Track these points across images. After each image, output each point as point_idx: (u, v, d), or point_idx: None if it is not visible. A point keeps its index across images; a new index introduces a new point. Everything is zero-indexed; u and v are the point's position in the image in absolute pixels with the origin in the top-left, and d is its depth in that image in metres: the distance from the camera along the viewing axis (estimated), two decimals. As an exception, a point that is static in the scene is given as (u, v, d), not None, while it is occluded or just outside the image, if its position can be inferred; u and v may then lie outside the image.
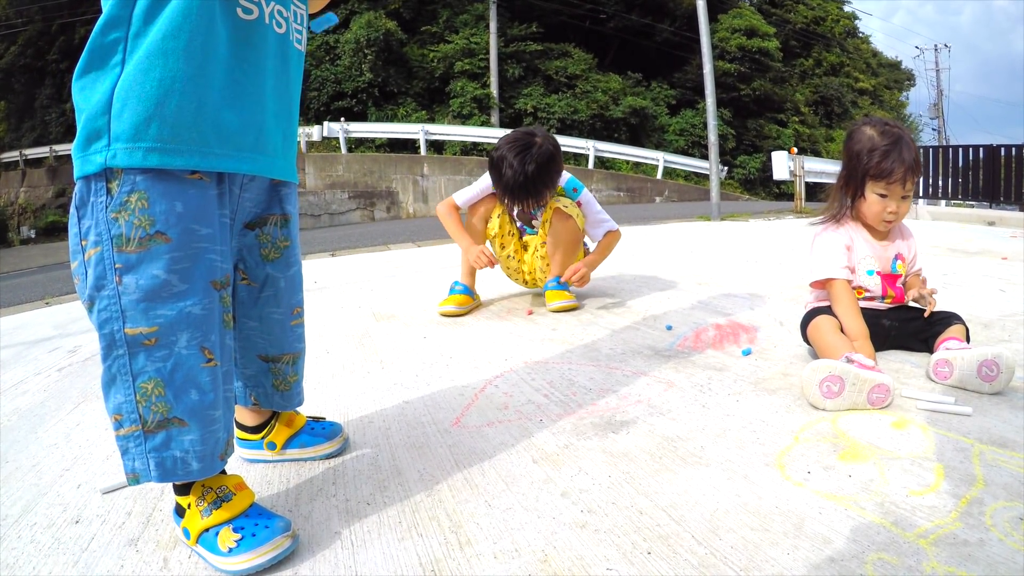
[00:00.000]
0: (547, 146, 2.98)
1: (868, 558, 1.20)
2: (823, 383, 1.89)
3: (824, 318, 2.25)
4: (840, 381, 1.89)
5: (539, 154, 2.94)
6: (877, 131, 2.28)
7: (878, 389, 1.88)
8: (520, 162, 2.92)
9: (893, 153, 2.22)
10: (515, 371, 2.39)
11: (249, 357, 1.57)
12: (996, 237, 6.04)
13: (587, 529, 1.34)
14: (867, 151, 2.25)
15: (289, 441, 1.69)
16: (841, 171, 2.39)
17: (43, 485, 1.69)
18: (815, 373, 1.90)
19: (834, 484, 1.48)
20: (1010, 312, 2.94)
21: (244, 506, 1.30)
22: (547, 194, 3.09)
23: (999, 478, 1.48)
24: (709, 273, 4.25)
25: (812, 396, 1.91)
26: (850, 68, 35.77)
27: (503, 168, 2.97)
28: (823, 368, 1.90)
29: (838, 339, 2.14)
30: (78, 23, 28.38)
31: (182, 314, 1.19)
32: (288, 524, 1.29)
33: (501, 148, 3.01)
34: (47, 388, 2.56)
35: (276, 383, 1.61)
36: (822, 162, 15.40)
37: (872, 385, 1.88)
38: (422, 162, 20.16)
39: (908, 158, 2.21)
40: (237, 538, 1.24)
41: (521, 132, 3.05)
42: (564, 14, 26.04)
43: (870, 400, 1.88)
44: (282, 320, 1.55)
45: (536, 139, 2.98)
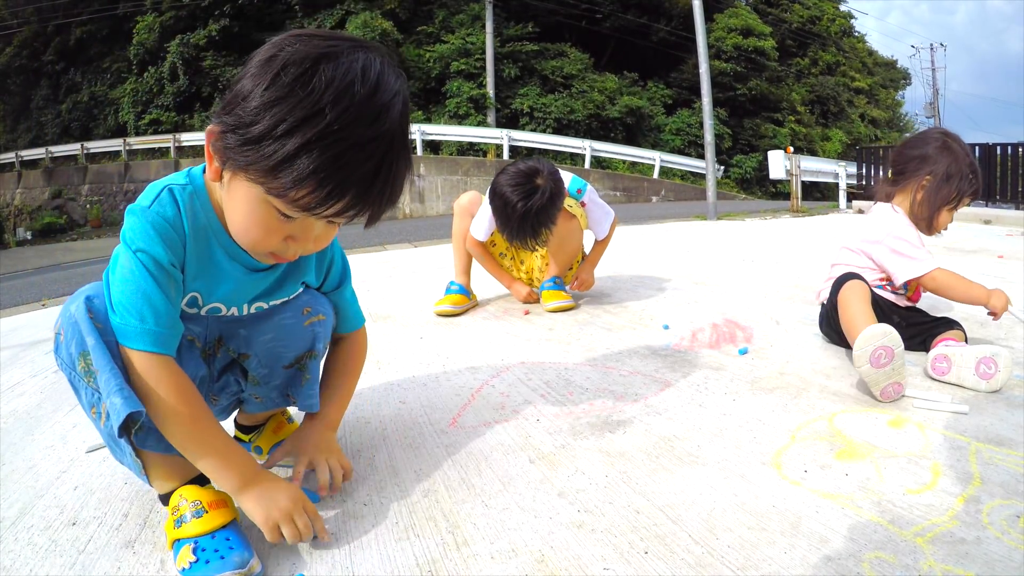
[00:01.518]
0: (549, 188, 2.90)
1: (865, 556, 1.21)
2: (875, 351, 1.88)
3: (862, 285, 2.25)
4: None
5: (541, 199, 2.87)
6: (964, 150, 2.39)
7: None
8: (524, 205, 2.86)
9: (980, 174, 2.40)
10: (512, 371, 2.39)
11: (276, 370, 1.57)
12: (992, 236, 6.06)
13: (584, 529, 1.34)
14: (969, 172, 2.35)
15: (275, 447, 1.67)
16: (928, 177, 2.40)
17: (40, 487, 1.68)
18: (870, 340, 1.89)
19: (831, 483, 1.49)
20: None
21: (214, 525, 1.26)
22: (548, 233, 3.05)
23: (996, 476, 1.49)
24: (705, 273, 4.26)
25: (861, 361, 1.89)
26: (846, 67, 35.84)
27: (506, 210, 2.91)
28: (879, 335, 1.89)
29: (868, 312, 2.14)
30: (74, 24, 28.38)
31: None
32: (246, 560, 1.22)
33: (504, 187, 2.92)
34: (43, 390, 2.55)
35: (302, 380, 1.61)
36: (818, 161, 15.42)
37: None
38: (418, 162, 20.18)
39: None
40: (192, 560, 1.21)
41: (524, 172, 2.94)
42: (560, 14, 26.06)
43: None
44: (295, 323, 1.54)
45: (538, 182, 2.90)
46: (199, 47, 25.19)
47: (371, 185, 1.11)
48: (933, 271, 2.30)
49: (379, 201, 1.16)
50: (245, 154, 1.09)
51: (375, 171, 1.11)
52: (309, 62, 1.06)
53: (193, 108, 25.79)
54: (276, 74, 1.06)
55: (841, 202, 11.97)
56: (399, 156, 1.14)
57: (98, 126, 28.39)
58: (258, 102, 1.06)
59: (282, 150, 1.04)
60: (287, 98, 1.04)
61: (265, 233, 1.20)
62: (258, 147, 1.06)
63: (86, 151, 26.27)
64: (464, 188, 18.09)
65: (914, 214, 2.42)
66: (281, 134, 1.04)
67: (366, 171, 1.09)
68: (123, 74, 28.16)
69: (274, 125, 1.04)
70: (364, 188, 1.11)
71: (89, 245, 17.92)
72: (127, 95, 27.09)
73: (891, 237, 2.36)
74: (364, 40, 1.17)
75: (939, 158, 2.37)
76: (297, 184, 1.06)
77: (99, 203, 24.63)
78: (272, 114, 1.05)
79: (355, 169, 1.08)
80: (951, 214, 2.42)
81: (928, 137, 2.46)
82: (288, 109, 1.04)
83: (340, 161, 1.06)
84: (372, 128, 1.08)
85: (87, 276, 8.53)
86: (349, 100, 1.06)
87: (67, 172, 26.46)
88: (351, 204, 1.12)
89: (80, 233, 22.90)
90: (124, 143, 25.08)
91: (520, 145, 20.93)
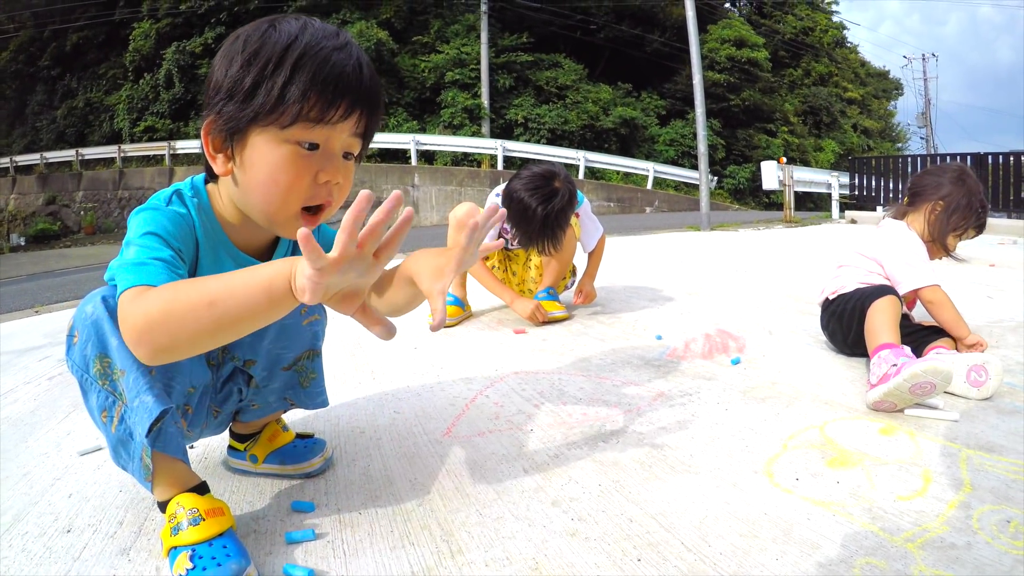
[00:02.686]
0: (568, 191, 2.95)
1: (856, 563, 1.22)
2: (925, 383, 1.89)
3: (898, 303, 2.32)
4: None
5: (561, 201, 2.92)
6: (979, 188, 2.57)
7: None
8: (544, 209, 2.89)
9: (987, 213, 2.58)
10: (505, 381, 2.40)
11: (275, 373, 1.62)
12: (984, 244, 6.10)
13: (577, 537, 1.35)
14: (979, 207, 2.53)
15: (269, 456, 1.68)
16: (943, 202, 2.54)
17: (34, 494, 1.68)
18: (932, 373, 1.88)
19: (822, 490, 1.50)
20: (997, 319, 2.99)
21: (211, 533, 1.26)
22: (563, 235, 3.08)
23: (986, 482, 1.50)
24: (698, 283, 4.28)
25: (909, 378, 1.88)
26: (839, 78, 36.05)
27: (526, 214, 2.93)
28: (943, 373, 1.89)
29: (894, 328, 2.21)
30: (70, 30, 28.36)
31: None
32: (243, 568, 1.22)
33: (521, 192, 2.95)
34: (37, 397, 2.55)
35: (302, 380, 1.67)
36: (811, 172, 15.52)
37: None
38: (413, 172, 20.22)
39: None
40: (189, 567, 1.21)
41: (541, 176, 2.98)
42: (555, 24, 26.17)
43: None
44: (294, 323, 1.58)
45: (556, 184, 2.94)
46: (195, 55, 25.15)
47: (360, 79, 1.23)
48: (936, 286, 2.38)
49: (372, 97, 1.27)
50: (249, 107, 1.19)
51: (358, 66, 1.23)
52: (265, 24, 1.24)
53: (188, 116, 25.73)
54: (243, 43, 1.22)
55: (834, 212, 12.02)
56: (371, 69, 1.28)
57: (93, 132, 28.33)
58: (238, 66, 1.20)
59: (279, 81, 1.17)
60: (261, 49, 1.19)
61: (295, 176, 1.23)
62: (256, 93, 1.18)
63: (81, 157, 26.20)
64: (459, 198, 18.13)
65: (924, 235, 2.54)
66: (271, 72, 1.17)
67: (351, 68, 1.22)
68: (119, 80, 28.13)
69: (262, 69, 1.18)
70: (356, 83, 1.23)
71: (83, 252, 17.86)
72: (122, 102, 27.03)
73: (904, 249, 2.47)
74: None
75: (954, 188, 2.51)
76: (303, 99, 1.17)
77: (93, 210, 24.57)
78: (255, 64, 1.18)
79: (342, 68, 1.20)
80: (956, 241, 2.55)
81: (947, 168, 2.61)
82: (267, 54, 1.18)
83: (327, 66, 1.19)
84: (338, 39, 1.23)
85: (81, 283, 8.54)
86: (312, 29, 1.21)
87: (61, 178, 26.39)
88: (353, 101, 1.23)
89: (74, 240, 22.81)
90: (119, 150, 24.99)
91: (514, 155, 20.99)
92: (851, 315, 2.40)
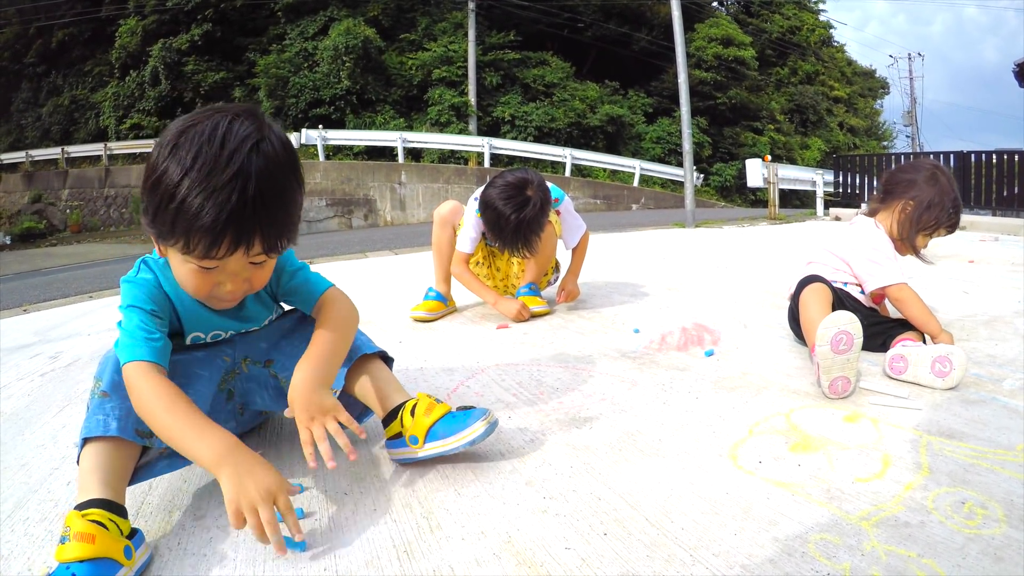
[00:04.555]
0: (539, 199, 3.00)
1: (811, 538, 1.29)
2: (838, 335, 1.98)
3: (824, 289, 2.39)
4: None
5: (533, 210, 2.96)
6: (951, 186, 2.54)
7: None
8: (516, 217, 2.94)
9: (960, 211, 2.55)
10: (486, 373, 2.47)
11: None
12: (966, 241, 6.18)
13: (548, 514, 1.43)
14: (950, 206, 2.51)
15: (430, 432, 1.64)
16: (912, 201, 2.54)
17: (33, 483, 1.75)
18: (835, 323, 2.00)
19: (784, 472, 1.58)
20: (971, 313, 3.06)
21: (69, 557, 1.21)
22: (538, 241, 3.12)
23: (944, 466, 1.57)
24: (679, 279, 4.35)
25: (823, 341, 1.99)
26: (825, 77, 36.18)
27: (499, 222, 2.99)
28: (845, 320, 2.00)
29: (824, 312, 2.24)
30: (56, 26, 28.14)
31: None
32: None
33: (495, 200, 3.00)
34: (31, 393, 2.60)
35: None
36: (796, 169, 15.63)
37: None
38: (400, 170, 20.21)
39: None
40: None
41: (514, 185, 3.02)
42: (542, 23, 26.17)
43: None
44: (295, 326, 1.84)
45: (529, 193, 2.99)
46: (181, 52, 25.05)
47: (242, 217, 1.29)
48: (901, 284, 2.42)
49: (261, 229, 1.34)
50: (152, 228, 1.35)
51: (241, 205, 1.28)
52: (173, 141, 1.31)
53: (175, 113, 25.44)
54: (154, 161, 1.32)
55: (818, 209, 12.12)
56: (264, 189, 1.31)
57: (79, 130, 28.17)
58: (146, 188, 1.33)
59: (168, 216, 1.29)
60: (161, 180, 1.29)
61: (198, 284, 1.44)
62: (156, 220, 1.32)
63: (67, 155, 26.04)
64: (445, 196, 18.13)
65: (893, 233, 2.55)
66: (165, 205, 1.28)
67: (233, 207, 1.27)
68: (105, 78, 27.95)
69: (159, 200, 1.29)
70: (239, 222, 1.29)
71: (69, 250, 17.80)
72: (108, 99, 26.86)
73: (869, 248, 2.50)
74: (224, 106, 1.39)
75: (925, 187, 2.51)
76: (188, 238, 1.29)
77: (79, 208, 24.46)
78: (155, 194, 1.30)
79: (223, 208, 1.26)
80: (926, 240, 2.56)
81: (920, 165, 2.61)
82: (164, 185, 1.28)
83: (208, 206, 1.26)
84: (226, 172, 1.27)
85: (67, 282, 8.56)
86: (202, 159, 1.27)
87: (47, 176, 26.24)
88: (236, 239, 1.32)
89: (60, 238, 22.69)
90: (105, 148, 24.85)
91: (501, 153, 21.02)
92: (796, 311, 2.49)
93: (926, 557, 1.22)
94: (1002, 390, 2.07)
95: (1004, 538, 1.27)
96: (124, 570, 1.24)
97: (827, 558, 1.23)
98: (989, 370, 2.26)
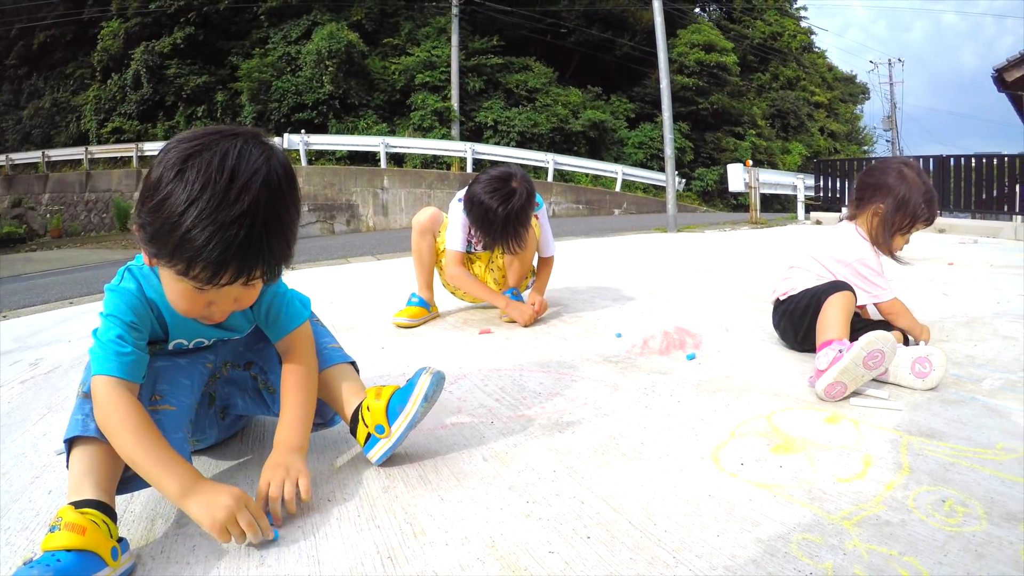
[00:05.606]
0: (525, 189, 3.02)
1: (793, 538, 1.30)
2: (875, 352, 2.01)
3: (853, 300, 2.37)
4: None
5: (520, 200, 2.98)
6: (920, 179, 2.53)
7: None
8: (504, 209, 2.95)
9: (935, 201, 2.52)
10: (469, 378, 2.47)
11: (275, 367, 1.80)
12: (945, 244, 6.24)
13: (531, 518, 1.43)
14: (923, 201, 2.49)
15: (388, 411, 1.70)
16: (882, 204, 2.54)
17: (14, 492, 1.72)
18: (879, 341, 2.02)
19: (766, 474, 1.59)
20: (950, 314, 3.09)
21: (57, 545, 1.23)
22: (526, 233, 3.14)
23: (924, 465, 1.59)
24: (661, 283, 4.37)
25: (860, 351, 2.01)
26: (806, 82, 36.44)
27: (487, 216, 3.00)
28: (888, 341, 2.03)
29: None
30: (37, 28, 27.91)
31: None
32: None
33: (481, 196, 3.01)
34: (11, 400, 2.57)
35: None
36: (776, 174, 15.68)
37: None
38: (382, 175, 20.17)
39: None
40: (23, 567, 1.21)
41: (499, 178, 3.04)
42: (525, 28, 26.23)
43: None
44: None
45: (514, 184, 3.00)
46: (164, 55, 24.91)
47: (247, 252, 1.32)
48: (893, 299, 2.48)
49: (264, 261, 1.37)
50: (151, 246, 1.34)
51: (247, 241, 1.30)
52: (179, 165, 1.29)
53: (156, 117, 25.48)
54: (157, 181, 1.31)
55: (799, 213, 12.20)
56: (270, 223, 1.34)
57: (60, 133, 27.96)
58: (146, 207, 1.32)
59: (171, 242, 1.29)
60: (165, 202, 1.28)
61: (189, 304, 1.45)
62: (155, 241, 1.32)
63: (47, 159, 25.86)
64: (428, 201, 18.13)
65: (871, 239, 2.56)
66: (167, 230, 1.28)
67: (240, 243, 1.30)
68: (86, 80, 27.76)
69: (162, 223, 1.29)
70: (243, 256, 1.32)
71: (49, 256, 17.60)
72: (90, 102, 26.69)
73: (859, 263, 2.50)
74: (231, 129, 1.39)
75: (894, 187, 2.50)
76: (190, 265, 1.30)
77: (60, 212, 24.25)
78: (159, 216, 1.29)
79: (230, 243, 1.29)
80: (905, 239, 2.56)
81: (886, 166, 2.60)
82: (168, 210, 1.27)
83: (215, 241, 1.27)
84: (235, 208, 1.28)
85: (47, 287, 8.48)
86: (211, 191, 1.27)
87: (27, 180, 26.01)
88: (239, 271, 1.34)
89: (40, 243, 22.48)
90: (86, 151, 24.69)
91: (484, 158, 21.01)
92: (803, 312, 2.47)
93: (908, 555, 1.23)
94: (981, 390, 2.10)
95: (985, 535, 1.29)
96: (108, 570, 1.25)
97: (809, 558, 1.24)
98: (968, 370, 2.29)
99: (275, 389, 1.77)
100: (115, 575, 1.26)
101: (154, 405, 1.56)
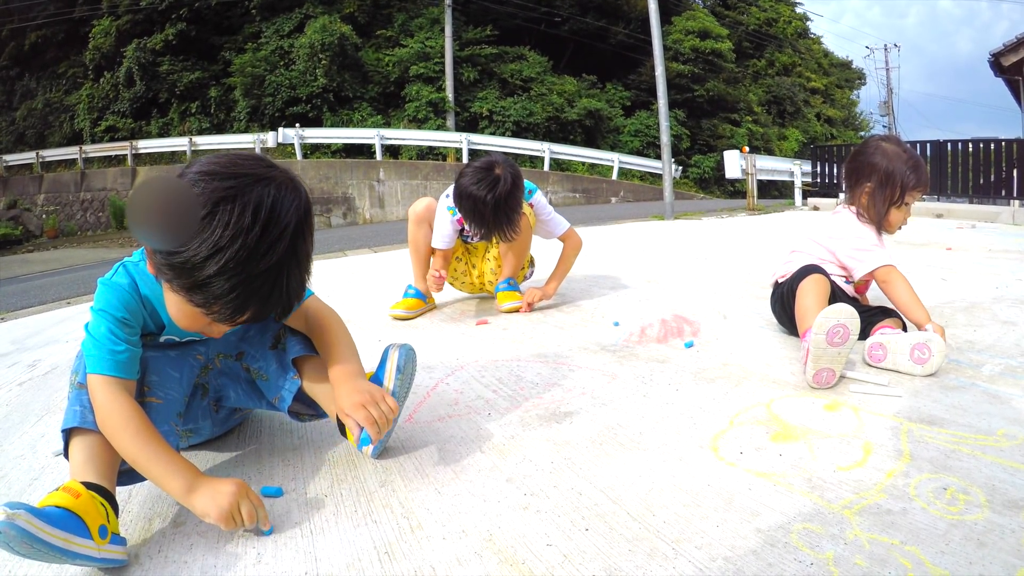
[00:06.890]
0: (510, 174, 3.00)
1: (794, 528, 1.30)
2: (835, 327, 1.97)
3: (825, 281, 2.36)
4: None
5: (506, 185, 2.96)
6: (901, 148, 2.51)
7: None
8: (492, 196, 2.94)
9: (922, 167, 2.49)
10: (466, 370, 2.46)
11: (266, 355, 1.82)
12: (943, 229, 6.23)
13: (529, 511, 1.42)
14: (907, 168, 2.46)
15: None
16: (869, 183, 2.53)
17: (12, 494, 1.71)
18: (836, 315, 1.98)
19: (765, 463, 1.58)
20: (948, 300, 3.08)
21: (48, 502, 1.26)
22: (518, 218, 3.13)
23: (925, 453, 1.58)
24: (659, 271, 4.35)
25: (820, 330, 1.97)
26: (802, 68, 36.34)
27: (477, 206, 2.98)
28: (846, 313, 1.98)
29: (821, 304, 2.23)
30: (28, 28, 27.77)
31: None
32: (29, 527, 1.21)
33: (469, 187, 3.00)
34: (9, 403, 2.56)
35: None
36: (773, 160, 15.63)
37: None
38: (378, 167, 20.12)
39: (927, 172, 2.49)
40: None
41: (482, 168, 3.03)
42: (519, 17, 26.12)
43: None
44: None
45: (497, 171, 2.99)
46: (156, 52, 24.75)
47: (268, 299, 1.37)
48: (889, 266, 2.42)
49: (279, 307, 1.42)
50: (169, 273, 1.33)
51: (271, 290, 1.36)
52: (209, 208, 1.27)
53: (150, 114, 25.36)
54: (177, 217, 1.28)
55: (797, 199, 12.16)
56: (291, 273, 1.39)
57: (53, 133, 27.82)
58: (167, 235, 1.29)
59: (196, 278, 1.29)
60: (186, 244, 1.27)
61: (191, 322, 1.47)
62: (178, 271, 1.31)
63: (41, 159, 25.72)
64: (424, 192, 18.09)
65: (868, 218, 2.54)
66: (192, 267, 1.28)
67: (263, 292, 1.34)
68: (79, 79, 27.59)
69: (180, 265, 1.29)
70: (263, 302, 1.37)
71: (46, 256, 17.55)
72: (83, 101, 26.53)
73: (853, 236, 2.50)
74: (265, 171, 1.39)
75: (878, 163, 2.49)
76: (209, 304, 1.33)
77: (56, 213, 24.17)
78: (172, 253, 1.29)
79: (255, 292, 1.33)
80: (901, 212, 2.53)
81: (866, 147, 2.60)
82: (197, 246, 1.27)
83: (241, 288, 1.31)
84: (265, 260, 1.31)
85: (45, 288, 8.47)
86: (241, 242, 1.28)
87: (22, 181, 25.90)
88: (255, 315, 1.39)
89: (36, 244, 22.39)
90: (80, 151, 24.53)
91: (479, 148, 20.92)
92: (788, 297, 2.47)
93: (909, 544, 1.23)
94: (981, 376, 2.08)
95: (987, 523, 1.28)
96: (91, 542, 1.26)
97: (810, 548, 1.23)
98: (968, 356, 2.28)
99: (268, 376, 1.77)
100: (97, 555, 1.27)
101: (142, 397, 1.57)
